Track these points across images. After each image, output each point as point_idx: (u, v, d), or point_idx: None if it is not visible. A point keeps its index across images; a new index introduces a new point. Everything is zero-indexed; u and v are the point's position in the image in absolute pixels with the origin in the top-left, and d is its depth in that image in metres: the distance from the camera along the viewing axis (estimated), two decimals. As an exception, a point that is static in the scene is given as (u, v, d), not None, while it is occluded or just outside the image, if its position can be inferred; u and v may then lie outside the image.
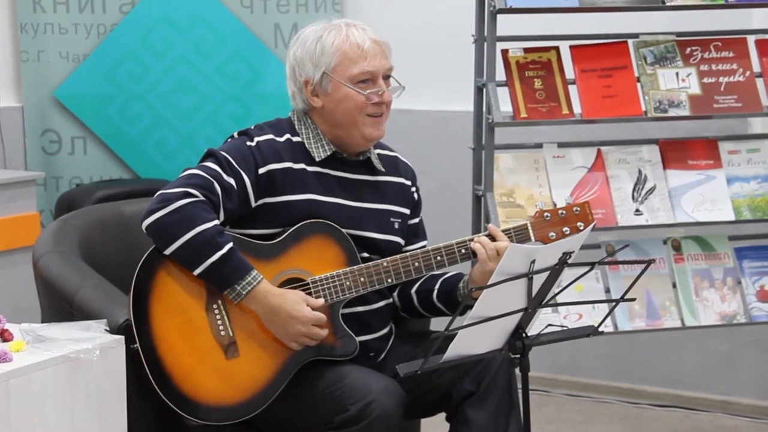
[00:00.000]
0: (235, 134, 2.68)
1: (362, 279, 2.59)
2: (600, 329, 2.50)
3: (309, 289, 2.57)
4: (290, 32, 4.68)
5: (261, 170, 2.59)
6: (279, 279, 2.58)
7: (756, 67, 3.58)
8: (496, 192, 3.44)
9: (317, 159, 2.65)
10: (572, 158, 3.52)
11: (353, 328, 2.60)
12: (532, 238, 2.65)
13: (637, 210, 3.49)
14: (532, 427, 2.46)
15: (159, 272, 2.52)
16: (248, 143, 2.62)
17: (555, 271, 2.30)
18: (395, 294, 2.77)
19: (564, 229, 2.66)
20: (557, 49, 3.53)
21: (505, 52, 3.50)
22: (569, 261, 2.30)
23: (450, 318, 2.28)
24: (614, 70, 3.52)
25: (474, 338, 2.30)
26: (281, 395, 2.53)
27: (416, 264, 2.61)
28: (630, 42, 3.55)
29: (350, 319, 2.61)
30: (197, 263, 2.48)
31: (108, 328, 2.44)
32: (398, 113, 4.62)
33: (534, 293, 2.31)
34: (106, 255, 2.92)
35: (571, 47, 3.54)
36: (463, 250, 2.62)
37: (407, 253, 2.62)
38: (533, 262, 2.25)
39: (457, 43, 3.96)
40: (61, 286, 2.68)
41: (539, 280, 2.30)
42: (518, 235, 2.65)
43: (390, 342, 2.74)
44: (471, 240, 2.62)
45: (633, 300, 3.24)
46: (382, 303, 2.70)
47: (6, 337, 2.33)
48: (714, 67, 3.54)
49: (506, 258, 2.23)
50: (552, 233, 2.65)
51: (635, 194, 3.50)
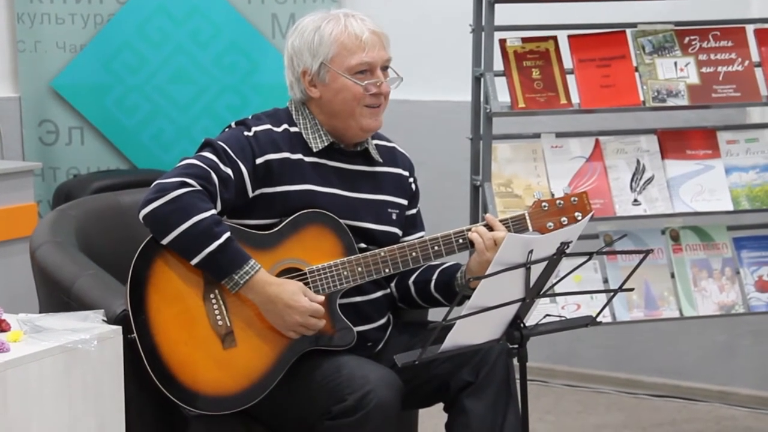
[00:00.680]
0: (233, 124, 2.67)
1: (359, 269, 2.58)
2: (598, 319, 2.50)
3: (306, 279, 2.57)
4: (288, 23, 4.67)
5: (258, 160, 2.59)
6: (276, 269, 2.57)
7: (755, 57, 3.57)
8: (494, 182, 3.44)
9: (314, 149, 2.64)
10: (570, 148, 3.52)
11: (351, 319, 2.59)
12: (530, 228, 2.64)
13: (636, 200, 3.48)
14: (531, 418, 2.46)
15: (156, 262, 2.52)
16: (245, 133, 2.61)
17: (553, 261, 2.30)
18: (393, 285, 2.77)
19: (562, 219, 2.65)
20: (555, 39, 3.52)
21: (503, 42, 3.49)
22: (567, 251, 2.30)
23: (448, 308, 2.27)
24: (612, 60, 3.51)
25: (472, 328, 2.30)
26: (279, 385, 2.52)
27: (414, 254, 2.61)
28: (628, 31, 3.55)
29: (348, 310, 2.61)
30: (195, 253, 2.47)
31: (105, 319, 2.44)
32: (396, 103, 4.61)
33: (532, 283, 2.30)
34: (104, 245, 2.91)
35: (569, 37, 3.54)
36: (461, 240, 2.62)
37: (404, 243, 2.62)
38: (531, 252, 2.25)
39: (455, 33, 3.95)
40: (59, 277, 2.67)
41: (537, 270, 2.30)
42: (516, 225, 2.64)
43: (388, 332, 2.74)
44: (468, 230, 2.62)
45: (631, 290, 3.24)
46: (380, 293, 2.70)
47: (3, 328, 2.32)
48: (712, 57, 3.54)
49: (504, 248, 2.23)
50: (550, 223, 2.65)
51: (633, 184, 3.50)
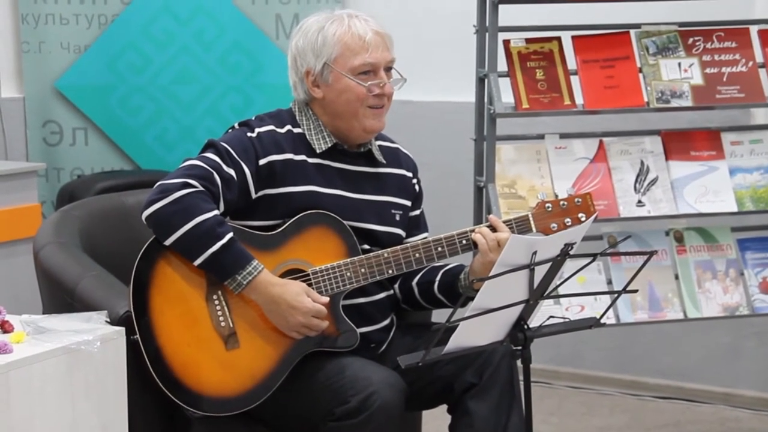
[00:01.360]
0: (236, 125, 2.67)
1: (363, 270, 2.58)
2: (602, 321, 2.49)
3: (309, 280, 2.57)
4: (291, 23, 4.67)
5: (261, 161, 2.58)
6: (279, 270, 2.57)
7: (759, 58, 3.56)
8: (498, 183, 3.44)
9: (318, 150, 2.64)
10: (574, 149, 3.51)
11: (354, 320, 2.59)
12: (534, 229, 2.64)
13: (640, 201, 3.48)
14: (534, 419, 2.45)
15: (159, 263, 2.52)
16: (249, 134, 2.61)
17: (557, 263, 2.29)
18: (396, 286, 2.77)
19: (566, 220, 2.65)
20: (559, 40, 3.52)
21: (507, 43, 3.49)
22: (571, 252, 2.29)
23: (451, 310, 2.27)
24: (616, 61, 3.51)
25: (475, 330, 2.29)
26: (282, 387, 2.52)
27: (417, 255, 2.60)
28: (632, 32, 3.54)
29: (351, 311, 2.60)
30: (197, 253, 2.47)
31: (108, 320, 2.44)
32: (399, 104, 4.61)
33: (536, 285, 2.30)
34: (107, 246, 2.91)
35: (573, 37, 3.53)
36: (464, 241, 2.61)
37: (408, 244, 2.61)
38: (535, 254, 2.24)
39: (459, 34, 3.95)
40: (62, 278, 2.67)
41: (541, 272, 2.29)
42: (519, 226, 2.64)
43: (391, 333, 2.74)
44: (472, 231, 2.61)
45: (635, 292, 3.23)
46: (383, 294, 2.70)
47: (6, 329, 2.33)
48: (716, 58, 3.53)
49: (508, 249, 2.23)
50: (553, 224, 2.64)
51: (637, 185, 3.49)
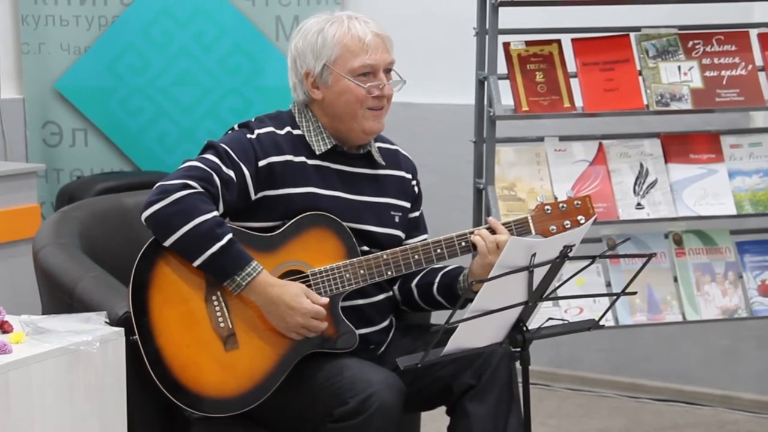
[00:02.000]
0: (236, 126, 2.68)
1: (362, 271, 2.58)
2: (601, 323, 2.49)
3: (309, 281, 2.57)
4: (292, 25, 4.67)
5: (261, 163, 2.59)
6: (279, 271, 2.57)
7: (758, 61, 3.57)
8: (498, 185, 3.44)
9: (317, 152, 2.64)
10: (574, 152, 3.52)
11: (353, 321, 2.59)
12: (533, 232, 2.64)
13: (639, 204, 3.48)
14: (533, 421, 2.45)
15: (158, 264, 2.52)
16: (248, 135, 2.61)
17: (556, 265, 2.30)
18: (395, 288, 2.77)
19: (565, 223, 2.65)
20: (559, 42, 3.52)
21: (507, 45, 3.49)
22: (570, 254, 2.30)
23: (450, 311, 2.27)
24: (616, 64, 3.51)
25: (474, 331, 2.29)
26: (281, 388, 2.52)
27: (416, 257, 2.60)
28: (632, 35, 3.55)
29: (350, 312, 2.60)
30: (197, 254, 2.47)
31: (108, 321, 2.44)
32: (399, 106, 4.60)
33: (535, 286, 2.30)
34: (107, 247, 2.91)
35: (573, 40, 3.54)
36: (463, 243, 2.62)
37: (407, 246, 2.62)
38: (534, 256, 2.25)
39: (459, 36, 3.95)
40: (61, 278, 2.67)
41: (540, 274, 2.30)
42: (519, 229, 2.64)
43: (390, 335, 2.74)
44: (471, 233, 2.62)
45: (634, 294, 3.23)
46: (382, 296, 2.70)
47: (6, 329, 2.33)
48: (716, 61, 3.54)
49: (507, 251, 2.23)
50: (553, 227, 2.65)
51: (637, 188, 3.50)
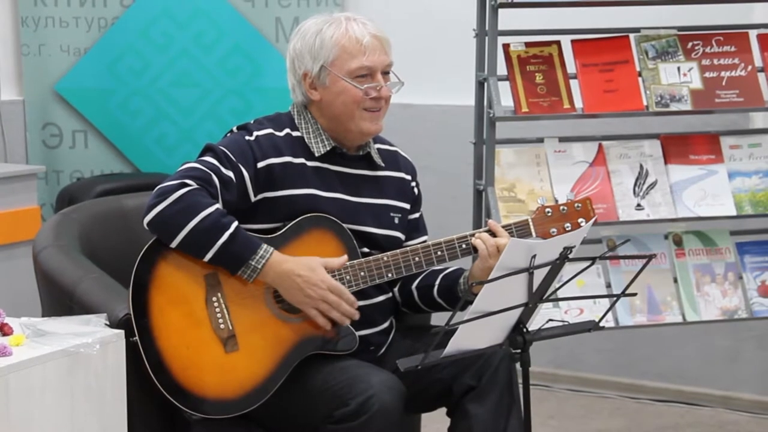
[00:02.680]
0: (234, 129, 2.68)
1: (362, 273, 2.58)
2: (601, 324, 2.50)
3: None
4: (291, 26, 4.68)
5: (260, 164, 2.59)
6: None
7: (758, 62, 3.57)
8: (497, 186, 3.44)
9: (317, 154, 2.65)
10: (573, 153, 3.52)
11: (354, 323, 2.59)
12: (534, 234, 2.64)
13: (639, 205, 3.48)
14: (533, 422, 2.45)
15: (158, 266, 2.52)
16: (247, 137, 2.61)
17: (556, 266, 2.30)
18: (396, 289, 2.77)
19: (565, 225, 2.65)
20: (558, 44, 3.52)
21: (507, 47, 3.49)
22: (570, 256, 2.30)
23: (450, 313, 2.27)
24: (616, 65, 3.51)
25: (475, 333, 2.29)
26: (281, 389, 2.52)
27: (416, 259, 2.61)
28: (631, 36, 3.55)
29: (350, 313, 2.61)
30: (207, 248, 2.47)
31: (108, 323, 2.43)
32: (399, 107, 4.61)
33: (535, 288, 2.30)
34: (107, 249, 2.91)
35: (573, 41, 3.54)
36: (464, 245, 2.62)
37: (407, 248, 2.62)
38: (534, 257, 2.25)
39: (458, 37, 3.95)
40: (62, 280, 2.67)
41: (540, 275, 2.30)
42: (519, 231, 2.64)
43: (390, 336, 2.74)
44: (471, 235, 2.62)
45: (634, 295, 3.23)
46: (383, 297, 2.70)
47: (6, 331, 2.32)
48: (716, 62, 3.54)
49: (507, 252, 2.23)
50: (553, 229, 2.65)
51: (636, 189, 3.50)
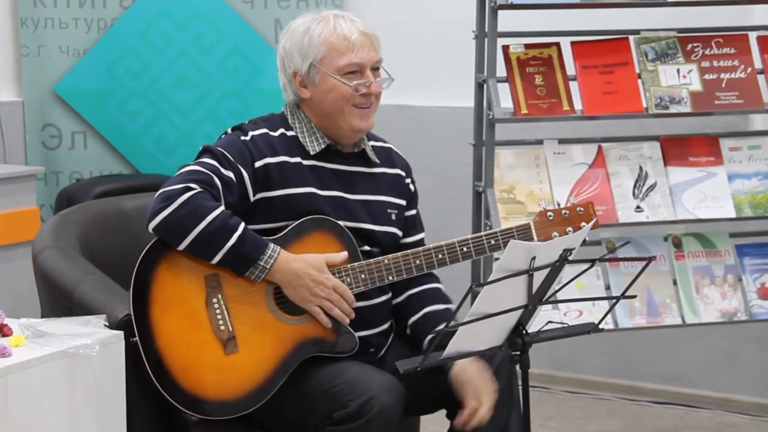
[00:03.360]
0: (229, 130, 2.68)
1: (363, 276, 2.58)
2: (600, 326, 2.49)
3: None
4: (291, 27, 4.67)
5: (257, 164, 2.59)
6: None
7: (757, 64, 3.57)
8: (497, 188, 3.44)
9: (312, 153, 2.65)
10: (573, 155, 3.52)
11: (353, 324, 2.59)
12: (535, 238, 2.63)
13: (638, 207, 3.48)
14: (532, 424, 2.45)
15: (159, 267, 2.52)
16: (242, 138, 2.62)
17: (555, 268, 2.30)
18: (397, 305, 2.76)
19: (567, 229, 2.64)
20: (558, 45, 3.53)
21: (506, 48, 3.50)
22: (570, 258, 2.30)
23: (452, 311, 2.27)
24: (615, 67, 3.52)
25: (474, 335, 2.29)
26: (280, 391, 2.52)
27: (417, 262, 2.60)
28: (631, 38, 3.55)
29: (349, 315, 2.61)
30: (215, 250, 2.47)
31: (107, 324, 2.43)
32: (398, 109, 4.62)
33: (534, 290, 2.30)
34: (106, 250, 2.91)
35: (572, 43, 3.54)
36: (465, 249, 2.61)
37: (408, 251, 2.61)
38: (534, 259, 2.25)
39: (458, 39, 3.95)
40: (61, 281, 2.67)
41: (540, 277, 2.30)
42: (521, 235, 2.63)
43: (390, 338, 2.74)
44: (473, 238, 2.61)
45: (633, 297, 3.22)
46: (383, 298, 2.69)
47: (5, 332, 2.32)
48: (715, 64, 3.54)
49: (507, 254, 2.23)
50: (555, 233, 2.64)
51: (636, 191, 3.50)
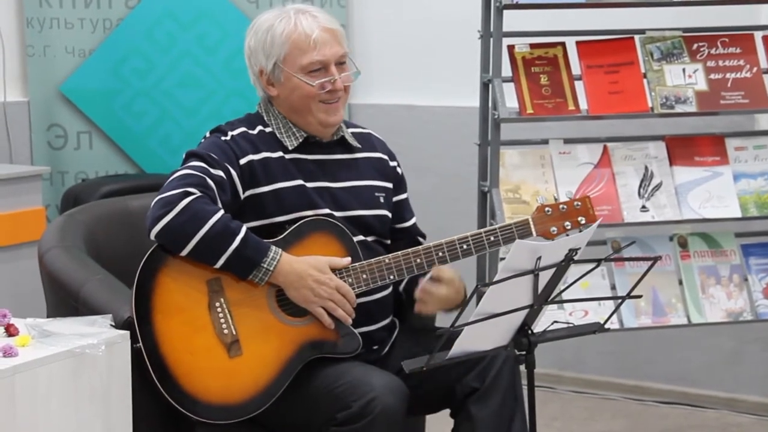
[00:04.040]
0: (208, 134, 2.67)
1: (364, 276, 2.58)
2: (606, 326, 2.49)
3: None
4: (296, 27, 4.67)
5: (242, 161, 2.59)
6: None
7: (763, 63, 3.57)
8: (502, 188, 3.44)
9: (290, 147, 2.64)
10: (578, 154, 3.52)
11: (356, 320, 2.58)
12: (534, 233, 2.64)
13: (644, 206, 3.48)
14: (537, 424, 2.45)
15: (161, 272, 2.51)
16: (223, 138, 2.62)
17: (561, 268, 2.30)
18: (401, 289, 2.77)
19: (565, 224, 2.65)
20: (563, 45, 3.52)
21: (511, 48, 3.49)
22: (575, 258, 2.30)
23: (455, 315, 2.27)
24: (621, 66, 3.52)
25: (479, 335, 2.29)
26: (284, 392, 2.51)
27: (418, 260, 2.60)
28: (636, 38, 3.55)
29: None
30: (218, 255, 2.47)
31: (113, 323, 2.43)
32: (404, 108, 4.63)
33: (540, 290, 2.30)
34: (112, 250, 2.92)
35: (578, 43, 3.54)
36: (464, 246, 2.60)
37: (409, 250, 2.61)
38: (539, 259, 2.25)
39: (463, 39, 3.96)
40: (67, 281, 2.68)
41: (545, 277, 2.30)
42: (520, 231, 2.63)
43: (394, 334, 2.74)
44: (473, 235, 2.60)
45: (639, 297, 3.24)
46: (383, 293, 2.68)
47: (11, 332, 2.33)
48: (721, 63, 3.54)
49: (512, 254, 2.23)
50: (553, 228, 2.64)
51: (641, 190, 3.49)
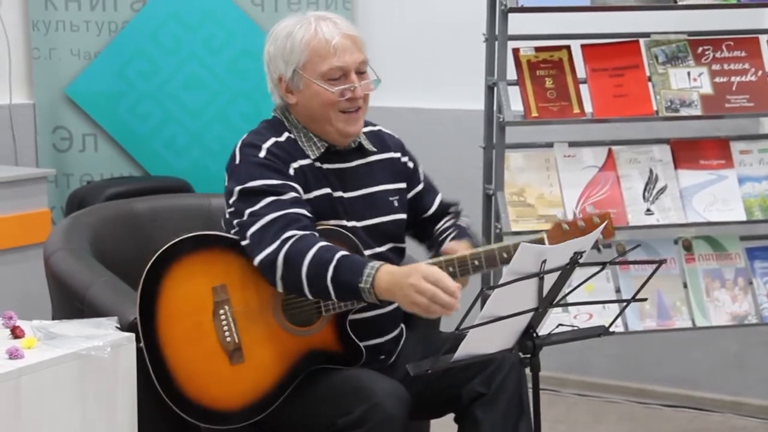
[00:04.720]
0: (237, 151, 2.58)
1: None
2: (611, 329, 2.49)
3: (319, 302, 2.53)
4: (301, 30, 4.68)
5: (290, 171, 2.55)
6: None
7: (768, 67, 3.57)
8: (507, 191, 3.44)
9: (312, 157, 2.60)
10: (583, 158, 3.52)
11: (364, 332, 2.57)
12: None
13: (648, 210, 3.48)
14: (542, 427, 2.45)
15: (167, 276, 2.51)
16: (260, 155, 2.55)
17: (566, 271, 2.30)
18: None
19: None
20: (568, 48, 3.52)
21: (517, 51, 3.50)
22: (580, 261, 2.30)
23: (461, 318, 2.27)
24: (625, 70, 3.52)
25: (484, 338, 2.29)
26: (286, 397, 2.51)
27: (451, 269, 2.50)
28: (641, 41, 3.55)
29: (361, 324, 2.58)
30: (327, 290, 2.43)
31: (119, 326, 2.44)
32: (409, 111, 4.63)
33: (545, 293, 2.30)
34: (117, 252, 2.92)
35: (583, 46, 3.54)
36: (505, 255, 2.51)
37: (441, 258, 2.52)
38: (544, 262, 2.25)
39: (468, 42, 3.96)
40: (72, 283, 2.68)
41: (550, 280, 2.30)
42: None
43: (401, 344, 2.73)
44: (514, 245, 2.49)
45: (644, 300, 3.23)
46: (394, 305, 2.64)
47: (17, 334, 2.33)
48: (726, 67, 3.54)
49: (517, 257, 2.23)
50: None
51: (646, 194, 3.49)
